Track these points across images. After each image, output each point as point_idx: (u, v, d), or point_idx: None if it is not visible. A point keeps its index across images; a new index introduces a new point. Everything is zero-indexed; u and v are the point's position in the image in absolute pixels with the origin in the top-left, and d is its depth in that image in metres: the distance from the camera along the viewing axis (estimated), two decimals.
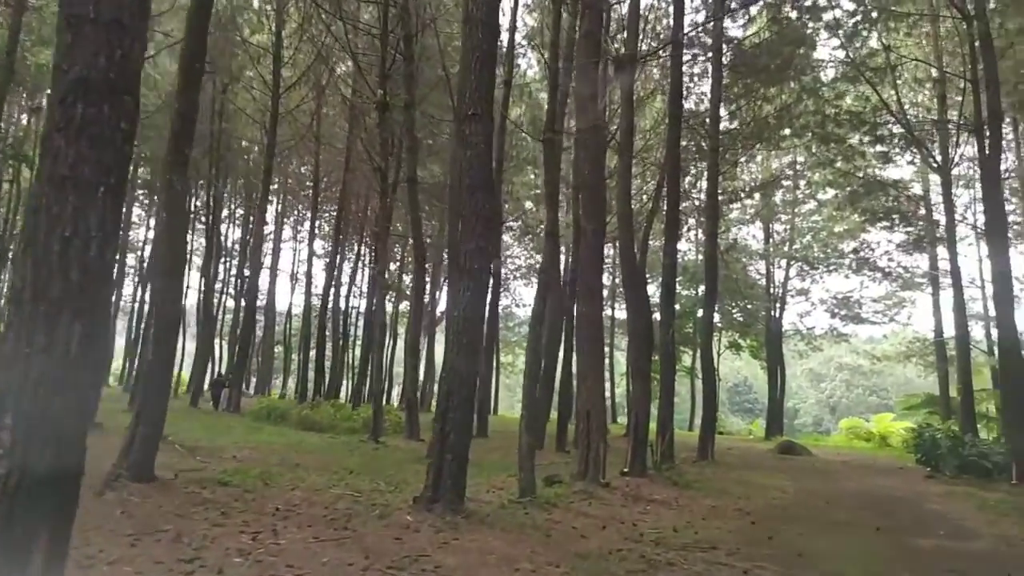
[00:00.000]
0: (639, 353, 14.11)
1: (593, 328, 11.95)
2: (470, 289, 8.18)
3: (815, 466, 21.83)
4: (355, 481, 11.04)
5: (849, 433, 40.11)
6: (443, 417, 8.08)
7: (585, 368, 11.94)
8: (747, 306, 39.78)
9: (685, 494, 12.81)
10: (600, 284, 12.29)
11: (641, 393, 14.04)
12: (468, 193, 8.36)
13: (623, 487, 12.34)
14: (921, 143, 24.59)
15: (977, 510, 13.22)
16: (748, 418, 60.73)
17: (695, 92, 27.18)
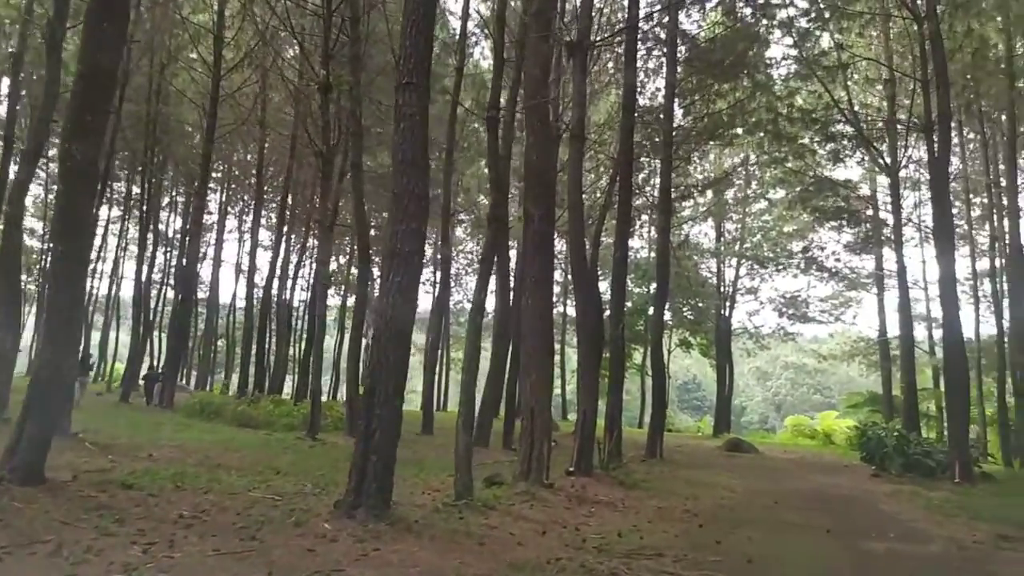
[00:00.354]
0: (588, 349, 13.51)
1: (539, 321, 11.29)
2: (400, 274, 7.42)
3: (763, 464, 21.62)
4: (279, 483, 10.16)
5: (794, 431, 40.43)
6: (368, 414, 7.31)
7: (530, 363, 11.28)
8: (698, 304, 39.73)
9: (632, 495, 12.27)
10: (547, 275, 11.63)
11: (589, 390, 13.45)
12: (400, 170, 7.60)
13: (568, 488, 11.72)
14: (870, 143, 24.61)
15: (925, 510, 12.98)
16: (697, 415, 61.04)
17: (650, 88, 26.84)
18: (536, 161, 11.55)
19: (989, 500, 14.86)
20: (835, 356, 41.10)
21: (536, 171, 11.55)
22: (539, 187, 11.51)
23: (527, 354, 11.35)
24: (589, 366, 13.40)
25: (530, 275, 11.43)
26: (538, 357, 11.26)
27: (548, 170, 11.61)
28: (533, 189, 11.57)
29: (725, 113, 23.18)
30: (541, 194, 11.49)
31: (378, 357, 7.42)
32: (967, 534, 10.31)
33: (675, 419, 52.00)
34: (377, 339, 7.48)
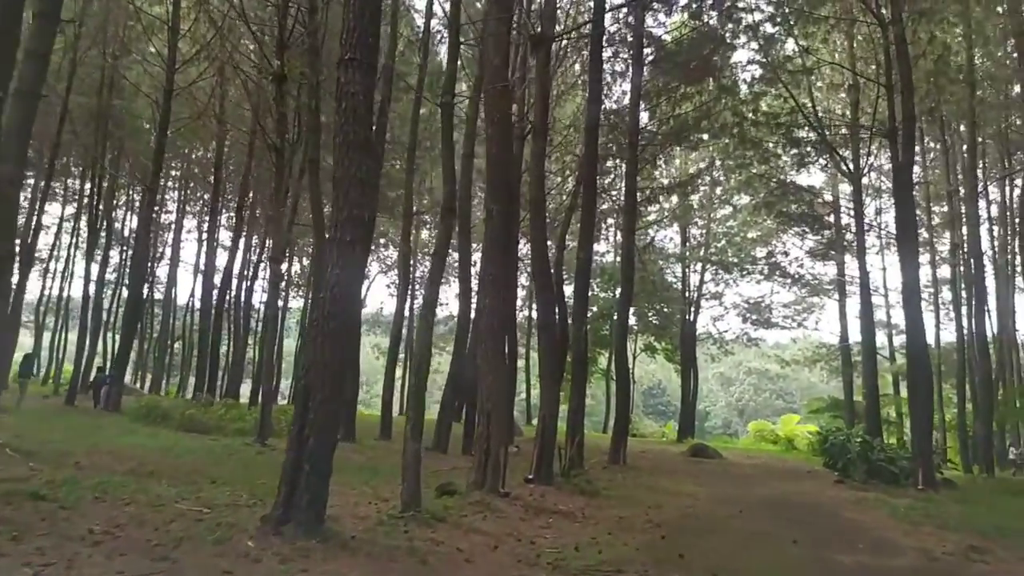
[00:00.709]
0: (549, 351, 12.92)
1: (497, 320, 10.66)
2: (341, 264, 6.74)
3: (727, 470, 21.23)
4: (213, 493, 9.35)
5: (757, 436, 40.43)
6: (302, 418, 6.60)
7: (487, 364, 10.63)
8: (663, 309, 39.49)
9: (593, 503, 11.69)
10: (506, 273, 11.02)
11: (550, 394, 12.84)
12: (342, 152, 6.93)
13: (525, 496, 11.10)
14: (834, 149, 24.49)
15: (891, 518, 12.61)
16: (662, 420, 60.93)
17: (616, 91, 26.47)
18: (496, 154, 10.94)
19: (953, 507, 14.58)
20: (797, 361, 41.17)
21: (496, 164, 10.94)
22: (499, 181, 10.90)
23: (484, 355, 10.72)
24: (550, 369, 12.80)
25: (489, 273, 10.80)
26: (496, 358, 10.62)
27: (508, 164, 11.01)
28: (493, 183, 10.95)
29: (691, 116, 22.83)
30: (501, 188, 10.88)
31: (315, 355, 6.72)
32: (936, 544, 9.91)
33: (640, 424, 51.79)
34: (314, 336, 6.78)
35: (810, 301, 36.82)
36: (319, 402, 6.58)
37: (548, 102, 13.95)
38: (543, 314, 13.01)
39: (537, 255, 12.97)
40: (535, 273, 13.31)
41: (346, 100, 6.94)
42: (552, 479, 12.58)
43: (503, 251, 10.86)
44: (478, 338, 10.97)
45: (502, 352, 10.86)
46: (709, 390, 77.51)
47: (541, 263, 12.98)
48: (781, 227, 31.00)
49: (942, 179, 27.97)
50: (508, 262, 10.83)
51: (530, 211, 12.89)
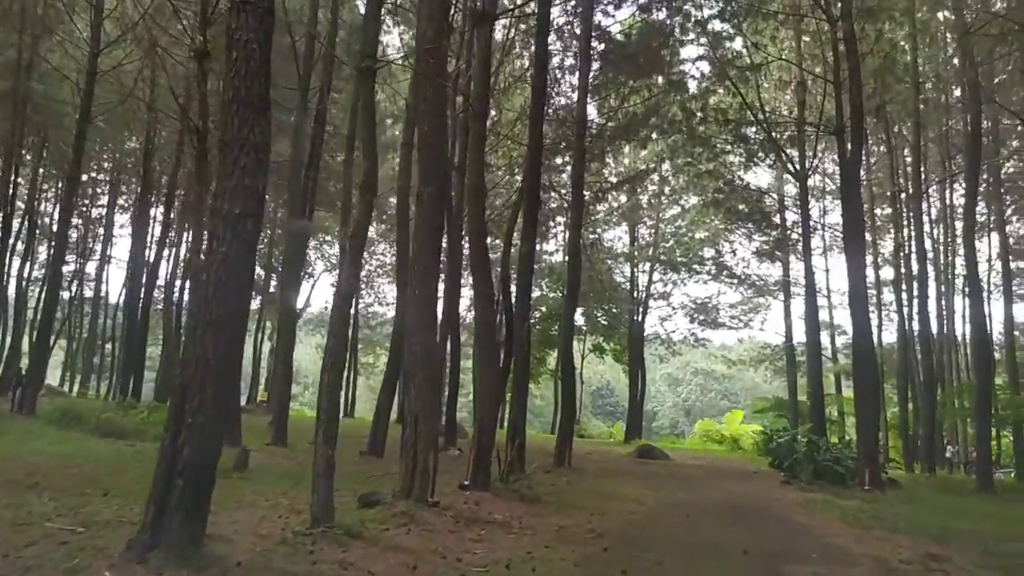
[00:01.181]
0: (486, 348, 11.96)
1: (425, 313, 9.66)
2: (228, 241, 5.66)
3: (673, 472, 20.58)
4: (99, 507, 8.13)
5: (703, 435, 40.25)
6: (176, 423, 5.50)
7: (415, 361, 9.61)
8: (612, 309, 38.93)
9: (532, 511, 10.76)
10: (437, 262, 10.01)
11: (488, 394, 11.87)
12: (231, 111, 5.85)
13: (458, 505, 10.10)
14: (781, 148, 24.16)
15: (841, 522, 12.01)
16: (610, 421, 60.48)
17: (565, 86, 25.67)
18: (428, 133, 9.94)
19: (901, 509, 14.14)
20: (743, 361, 41.10)
21: (427, 145, 9.94)
22: (430, 162, 9.90)
23: (412, 351, 9.69)
24: (487, 368, 11.85)
25: (418, 262, 9.78)
26: (425, 354, 9.61)
27: (440, 144, 10.01)
28: (425, 164, 9.95)
29: (639, 111, 22.18)
30: (432, 170, 9.88)
31: (194, 349, 5.63)
32: (891, 551, 9.26)
33: (588, 425, 51.28)
34: (193, 326, 5.68)
35: (756, 301, 36.72)
36: (198, 405, 5.48)
37: (489, 83, 13.02)
38: (482, 311, 12.02)
39: (476, 247, 12.01)
40: (474, 267, 12.33)
41: (237, 50, 5.87)
42: (489, 485, 11.62)
43: (434, 238, 9.86)
44: (407, 332, 9.92)
45: (433, 348, 9.85)
46: (657, 391, 77.59)
47: (480, 256, 12.01)
48: (729, 226, 30.64)
49: (886, 180, 27.94)
50: (437, 249, 9.82)
51: (468, 199, 11.95)
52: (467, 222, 13.22)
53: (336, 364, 7.49)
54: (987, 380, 18.98)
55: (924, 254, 25.42)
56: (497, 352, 12.12)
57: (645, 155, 28.64)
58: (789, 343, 33.40)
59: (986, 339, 19.44)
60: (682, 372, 75.72)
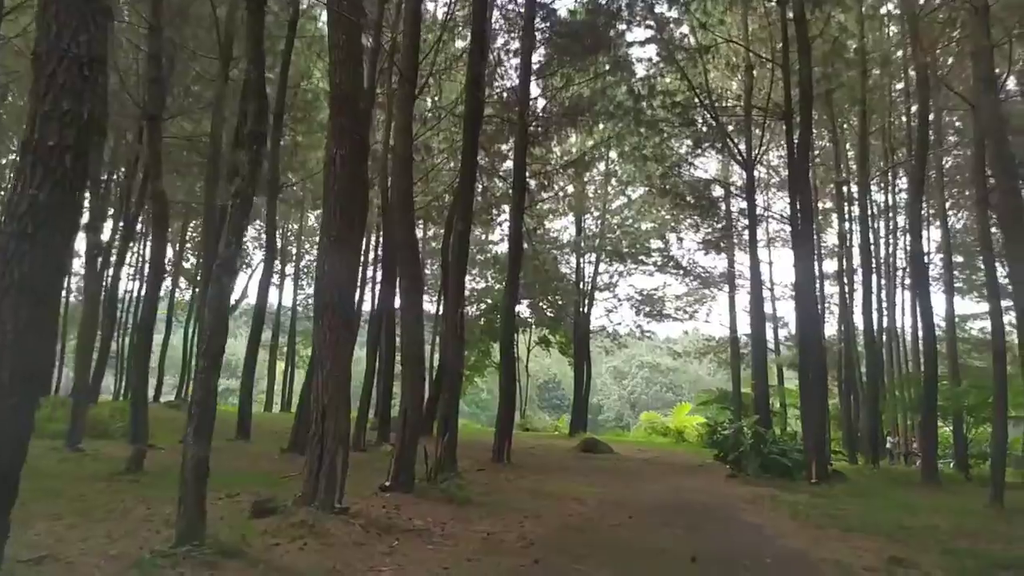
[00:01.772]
0: (412, 334, 10.67)
1: (338, 292, 8.32)
2: (39, 182, 4.26)
3: (617, 466, 19.62)
4: None
5: (648, 427, 39.71)
6: None
7: (324, 347, 8.27)
8: (558, 301, 37.93)
9: (460, 515, 9.54)
10: (354, 234, 8.66)
11: (413, 386, 10.57)
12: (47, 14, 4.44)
13: (373, 511, 8.81)
14: (727, 134, 23.42)
15: (792, 520, 11.13)
16: (557, 414, 59.68)
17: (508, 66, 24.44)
18: (341, 85, 8.59)
19: (850, 503, 13.41)
20: (689, 353, 40.62)
21: (341, 99, 8.59)
22: (344, 119, 8.55)
23: (320, 335, 8.34)
24: (411, 356, 10.57)
25: (330, 232, 8.43)
26: (337, 340, 8.28)
27: (356, 98, 8.66)
28: (337, 122, 8.59)
29: (585, 93, 21.10)
30: (346, 129, 8.54)
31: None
32: (851, 555, 8.34)
33: (533, 418, 50.35)
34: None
35: (702, 293, 36.20)
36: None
37: (418, 42, 11.70)
38: (407, 295, 10.71)
39: (402, 221, 10.68)
40: (400, 245, 11.00)
41: None
42: (413, 486, 10.35)
43: (348, 205, 8.52)
44: (316, 323, 8.57)
45: (347, 331, 8.52)
46: (603, 384, 77.25)
47: (407, 233, 10.68)
48: (676, 211, 29.72)
49: (828, 173, 27.53)
50: (352, 218, 8.48)
51: (393, 168, 10.64)
52: (392, 194, 11.91)
53: (213, 345, 6.10)
54: (933, 372, 18.52)
55: (868, 245, 25.04)
56: (423, 338, 10.81)
57: (592, 145, 27.58)
58: (734, 335, 32.95)
59: (932, 331, 18.97)
60: (628, 365, 75.49)
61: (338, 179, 8.45)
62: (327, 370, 8.17)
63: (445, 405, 12.53)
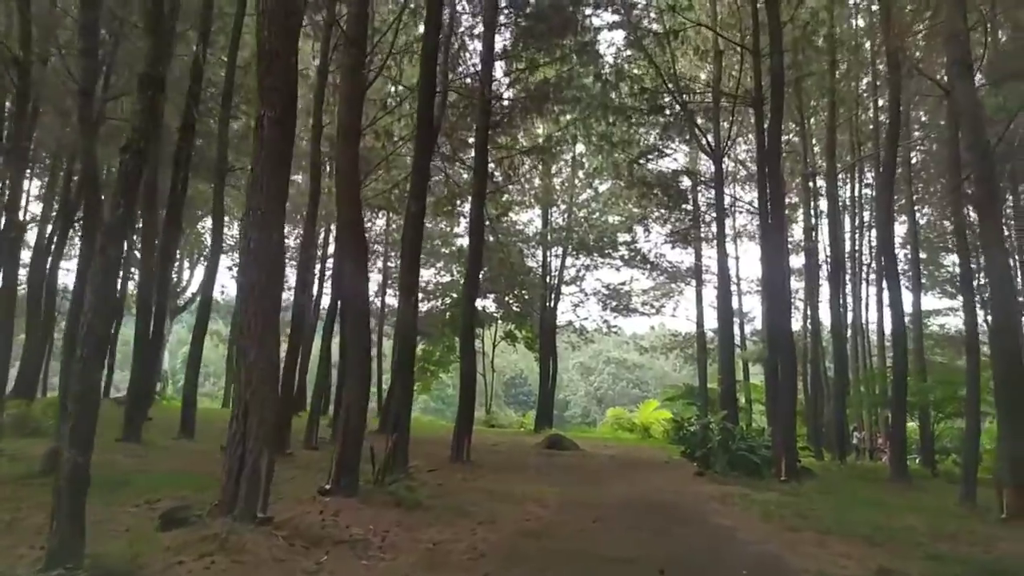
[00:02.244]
0: (355, 320, 9.61)
1: (264, 274, 7.27)
2: None
3: (582, 464, 18.77)
4: None
5: (614, 423, 39.09)
6: None
7: (248, 336, 7.22)
8: (524, 295, 37.02)
9: (406, 521, 8.55)
10: (280, 204, 7.60)
11: (355, 379, 9.53)
12: None
13: (306, 519, 7.79)
14: (695, 123, 22.68)
15: (764, 522, 10.37)
16: (523, 410, 58.86)
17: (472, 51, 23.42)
18: (269, 39, 7.53)
19: (822, 502, 12.73)
20: (655, 348, 39.98)
21: (270, 55, 7.53)
22: (273, 78, 7.50)
23: (245, 322, 7.28)
24: (352, 345, 9.52)
25: (256, 206, 7.37)
26: (263, 326, 7.23)
27: (286, 53, 7.60)
28: (266, 82, 7.53)
29: (551, 78, 20.17)
30: (276, 88, 7.50)
31: None
32: (833, 564, 7.56)
33: (499, 414, 49.52)
34: None
35: (669, 287, 35.57)
36: None
37: (367, 8, 10.65)
38: (351, 279, 9.65)
39: (345, 199, 9.61)
40: (341, 224, 9.94)
41: None
42: (357, 489, 9.32)
43: (277, 176, 7.47)
44: (241, 303, 7.50)
45: (275, 316, 7.47)
46: (570, 379, 76.63)
47: (351, 210, 9.62)
48: (644, 203, 28.90)
49: (797, 165, 26.98)
50: (282, 188, 7.44)
51: (338, 140, 9.59)
52: (336, 166, 10.86)
53: (96, 330, 5.03)
54: (903, 368, 18.00)
55: (837, 240, 24.55)
56: (368, 327, 9.74)
57: (558, 130, 26.61)
58: (700, 329, 32.39)
59: (903, 326, 18.45)
60: (595, 361, 74.94)
61: (266, 145, 7.40)
62: (251, 360, 7.13)
63: (397, 400, 11.49)
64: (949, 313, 35.43)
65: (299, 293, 17.05)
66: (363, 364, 9.50)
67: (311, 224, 16.80)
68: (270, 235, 7.36)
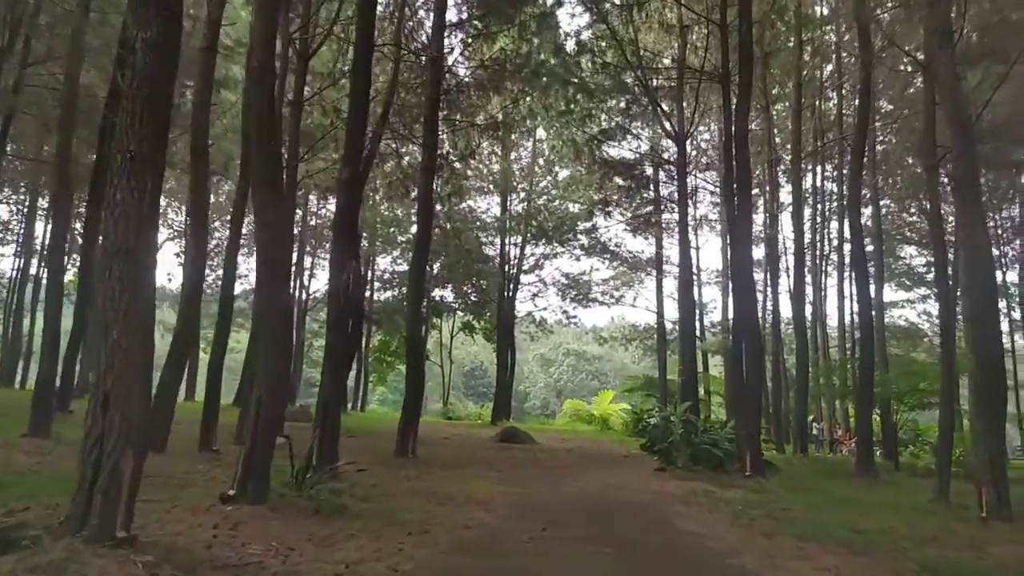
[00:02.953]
0: (267, 300, 8.08)
1: (133, 237, 5.73)
2: None
3: (537, 458, 17.45)
4: None
5: (572, 415, 38.18)
6: None
7: (113, 308, 5.68)
8: (482, 285, 35.62)
9: (321, 534, 7.08)
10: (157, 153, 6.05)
11: (267, 365, 8.00)
12: None
13: (194, 534, 6.29)
14: (658, 102, 21.45)
15: (734, 525, 9.18)
16: (483, 402, 57.59)
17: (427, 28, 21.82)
18: None
19: (792, 501, 11.64)
20: (615, 338, 38.96)
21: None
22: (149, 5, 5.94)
23: (108, 292, 5.73)
24: (268, 324, 7.98)
25: (122, 150, 5.83)
26: (130, 299, 5.70)
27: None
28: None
29: (509, 43, 18.72)
30: (151, 5, 5.94)
31: None
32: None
33: (457, 406, 48.33)
34: None
35: (629, 276, 34.51)
36: None
37: None
38: (268, 252, 8.04)
39: (262, 155, 8.05)
40: (256, 183, 8.37)
41: None
42: (267, 494, 7.82)
43: (154, 112, 5.92)
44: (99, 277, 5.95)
45: (141, 289, 5.92)
46: (530, 371, 75.62)
47: (268, 166, 8.03)
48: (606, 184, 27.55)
49: (760, 152, 26.04)
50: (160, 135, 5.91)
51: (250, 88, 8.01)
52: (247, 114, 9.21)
53: None
54: (870, 359, 17.08)
55: (801, 228, 23.66)
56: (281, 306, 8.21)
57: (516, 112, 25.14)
58: (660, 319, 31.41)
59: (870, 315, 17.54)
60: (554, 353, 73.99)
61: (137, 76, 5.84)
62: (113, 339, 5.59)
63: (327, 390, 9.96)
64: (905, 305, 35.34)
65: (228, 275, 15.37)
66: (279, 345, 7.97)
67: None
68: (140, 185, 5.81)
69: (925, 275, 33.79)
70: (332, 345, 10.53)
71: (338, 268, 10.08)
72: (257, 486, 7.72)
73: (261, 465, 7.75)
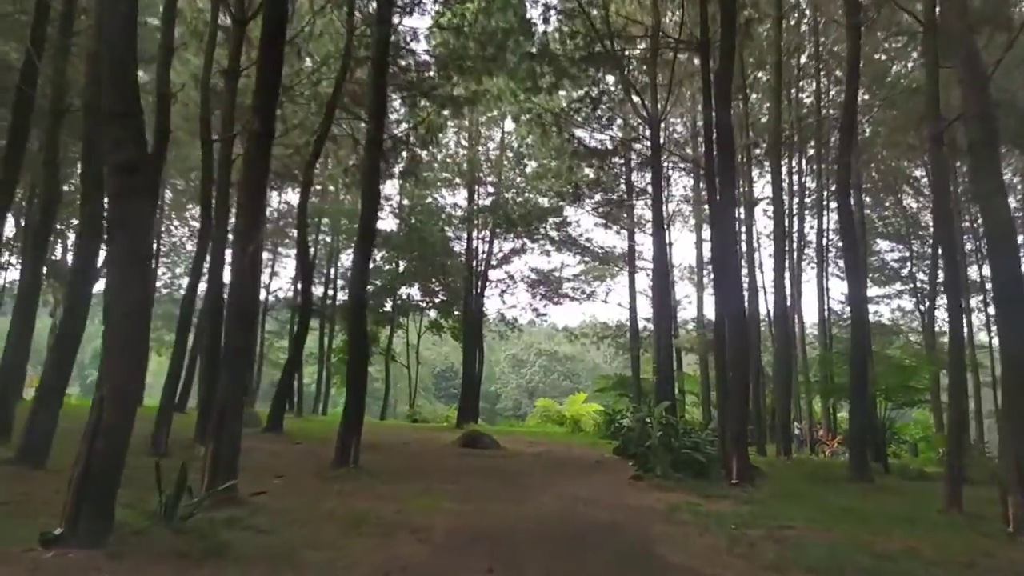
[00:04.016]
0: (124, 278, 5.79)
1: None
2: None
3: (499, 466, 15.27)
4: None
5: (543, 415, 36.27)
6: None
7: None
8: (451, 282, 33.47)
9: None
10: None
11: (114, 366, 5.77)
12: None
13: None
14: (632, 84, 19.54)
15: (732, 555, 7.14)
16: (453, 404, 55.38)
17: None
18: None
19: (790, 514, 9.70)
20: (587, 335, 36.98)
21: None
22: None
23: None
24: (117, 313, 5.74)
25: None
26: None
27: None
28: None
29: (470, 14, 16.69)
30: None
31: None
32: None
33: (425, 409, 46.28)
34: None
35: (601, 269, 32.59)
36: None
37: None
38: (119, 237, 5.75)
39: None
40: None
41: None
42: (108, 532, 5.59)
43: None
44: None
45: None
46: (501, 372, 73.53)
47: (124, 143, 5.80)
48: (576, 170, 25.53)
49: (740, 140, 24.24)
50: None
51: None
52: None
53: None
54: (863, 355, 15.27)
55: (781, 218, 21.90)
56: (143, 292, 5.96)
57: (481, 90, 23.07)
58: (633, 314, 29.53)
59: (864, 312, 15.79)
60: (526, 353, 71.94)
61: None
62: None
63: (224, 392, 7.75)
64: (880, 301, 34.12)
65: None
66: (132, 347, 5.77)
67: None
68: None
69: (899, 270, 32.55)
70: (230, 336, 8.30)
71: (244, 243, 7.84)
72: (96, 520, 5.50)
73: (101, 493, 5.52)
